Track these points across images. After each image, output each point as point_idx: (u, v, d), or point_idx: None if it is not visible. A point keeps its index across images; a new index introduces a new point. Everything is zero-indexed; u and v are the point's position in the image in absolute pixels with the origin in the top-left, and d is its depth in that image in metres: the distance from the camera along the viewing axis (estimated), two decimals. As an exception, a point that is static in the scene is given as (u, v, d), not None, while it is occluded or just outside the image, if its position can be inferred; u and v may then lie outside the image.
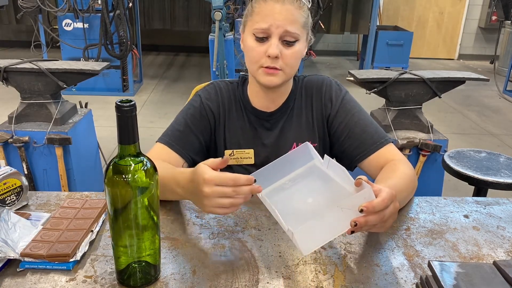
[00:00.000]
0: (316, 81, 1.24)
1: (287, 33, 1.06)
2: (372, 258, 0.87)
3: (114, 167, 0.71)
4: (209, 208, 0.83)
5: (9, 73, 2.30)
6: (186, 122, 1.18)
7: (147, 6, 5.90)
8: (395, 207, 0.81)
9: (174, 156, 1.13)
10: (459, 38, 7.61)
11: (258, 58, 1.09)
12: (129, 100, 0.68)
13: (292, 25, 1.06)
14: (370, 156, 1.14)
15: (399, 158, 1.12)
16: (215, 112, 1.21)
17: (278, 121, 1.22)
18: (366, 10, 5.85)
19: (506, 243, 0.94)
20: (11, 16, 5.88)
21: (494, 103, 5.24)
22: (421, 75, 2.37)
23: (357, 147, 1.16)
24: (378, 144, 1.14)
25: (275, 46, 1.06)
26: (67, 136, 2.30)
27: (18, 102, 2.40)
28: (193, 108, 1.20)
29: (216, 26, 3.20)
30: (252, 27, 1.08)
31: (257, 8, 1.08)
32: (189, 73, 6.20)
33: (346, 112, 1.19)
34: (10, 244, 0.83)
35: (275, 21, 1.05)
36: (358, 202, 0.75)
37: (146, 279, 0.77)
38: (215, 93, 1.22)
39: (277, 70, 1.08)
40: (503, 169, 1.89)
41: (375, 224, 0.78)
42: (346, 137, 1.17)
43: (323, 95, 1.22)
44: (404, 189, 1.02)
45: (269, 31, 1.06)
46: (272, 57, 1.06)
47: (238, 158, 1.22)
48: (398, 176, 1.03)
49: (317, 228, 0.75)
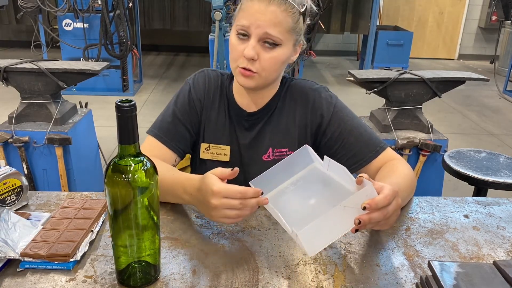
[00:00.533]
0: (303, 87, 1.19)
1: (267, 35, 1.01)
2: (372, 258, 0.87)
3: (114, 167, 0.71)
4: (216, 218, 0.85)
5: (9, 73, 2.30)
6: (175, 113, 1.16)
7: (147, 6, 5.90)
8: (397, 203, 0.81)
9: (165, 151, 1.13)
10: (459, 38, 7.61)
11: (237, 57, 1.05)
12: (129, 100, 0.68)
13: (274, 28, 1.00)
14: (366, 166, 1.12)
15: (397, 159, 1.12)
16: (202, 102, 1.19)
17: (258, 123, 1.18)
18: (366, 10, 5.85)
19: (506, 243, 0.94)
20: (11, 16, 5.89)
21: (494, 103, 5.24)
22: (421, 75, 2.37)
23: (351, 157, 1.13)
24: (373, 153, 1.12)
25: (251, 47, 1.01)
26: (67, 136, 2.30)
27: (18, 102, 2.40)
28: (182, 98, 1.18)
29: (216, 26, 3.20)
30: (235, 23, 1.06)
31: (244, 5, 1.05)
32: (189, 73, 6.15)
33: (339, 122, 1.15)
34: (10, 244, 0.83)
35: (256, 21, 1.00)
36: (361, 199, 0.75)
37: (146, 279, 0.77)
38: (203, 82, 1.20)
39: (252, 73, 1.04)
40: (503, 169, 1.89)
41: (378, 221, 0.78)
42: (339, 147, 1.15)
43: (311, 104, 1.17)
44: (404, 189, 1.02)
45: (249, 30, 1.02)
46: (247, 58, 1.02)
47: (214, 154, 1.19)
48: (397, 175, 1.03)
49: (321, 228, 0.75)
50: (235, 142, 1.19)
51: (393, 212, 0.80)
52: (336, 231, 0.77)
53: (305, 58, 5.01)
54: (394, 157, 1.12)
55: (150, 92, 5.17)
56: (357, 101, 4.45)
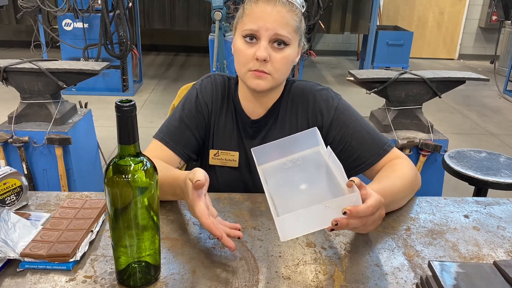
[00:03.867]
0: (303, 89, 1.18)
1: (278, 36, 1.02)
2: (372, 258, 0.87)
3: (114, 167, 0.71)
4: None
5: (9, 73, 2.30)
6: (181, 118, 1.16)
7: (147, 6, 5.90)
8: (380, 214, 0.81)
9: (169, 154, 1.13)
10: (459, 38, 7.61)
11: (246, 61, 1.05)
12: (129, 100, 0.68)
13: (283, 28, 1.02)
14: (370, 169, 1.11)
15: (401, 158, 1.11)
16: (209, 107, 1.19)
17: (261, 130, 1.18)
18: (366, 10, 5.85)
19: (506, 243, 0.94)
20: (11, 16, 5.88)
21: (494, 103, 5.24)
22: (421, 75, 2.37)
23: (354, 160, 1.12)
24: (376, 157, 1.10)
25: (263, 49, 1.02)
26: (67, 136, 2.30)
27: (18, 102, 2.40)
28: (189, 103, 1.18)
29: (216, 26, 3.20)
30: (242, 29, 1.05)
31: (248, 9, 1.06)
32: (189, 73, 6.20)
33: (341, 125, 1.13)
34: (10, 244, 0.83)
35: (265, 23, 1.01)
36: (344, 204, 0.76)
37: (146, 279, 0.77)
38: (211, 87, 1.20)
39: (265, 73, 1.04)
40: (503, 169, 1.89)
41: (356, 227, 0.79)
42: (341, 151, 1.12)
43: (311, 106, 1.16)
44: (402, 190, 1.01)
45: (259, 33, 1.03)
46: (260, 60, 1.02)
47: (223, 160, 1.19)
48: (395, 176, 1.03)
49: (299, 220, 0.77)
50: (242, 148, 1.19)
51: (373, 222, 0.81)
52: (312, 225, 0.78)
53: (305, 58, 5.02)
54: (398, 156, 1.11)
55: (150, 92, 5.17)
56: (357, 101, 4.45)
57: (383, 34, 5.86)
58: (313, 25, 4.45)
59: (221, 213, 1.01)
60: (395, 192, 0.99)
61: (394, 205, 1.02)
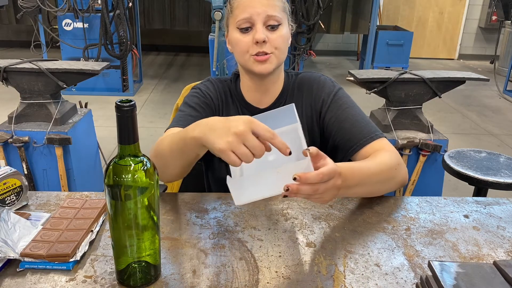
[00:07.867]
0: (309, 78, 1.24)
1: (270, 17, 1.08)
2: (372, 258, 0.87)
3: (114, 167, 0.71)
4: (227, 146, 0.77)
5: (9, 73, 2.30)
6: (194, 107, 1.17)
7: (147, 6, 5.90)
8: (334, 184, 0.82)
9: None
10: (459, 38, 7.61)
11: (246, 48, 1.10)
12: (129, 100, 0.68)
13: (272, 9, 1.09)
14: (360, 150, 1.12)
15: (387, 149, 1.10)
16: (215, 104, 1.22)
17: None
18: (366, 10, 5.85)
19: (506, 243, 0.94)
20: (11, 16, 5.89)
21: (494, 103, 5.24)
22: (421, 75, 2.37)
23: (348, 140, 1.14)
24: (367, 139, 1.11)
25: (261, 31, 1.08)
26: (67, 136, 2.30)
27: (18, 102, 2.40)
28: (197, 98, 1.20)
29: (216, 26, 3.20)
30: (235, 21, 1.11)
31: (235, 3, 1.12)
32: (189, 73, 6.20)
33: (337, 108, 1.18)
34: (10, 244, 0.83)
35: (255, 9, 1.08)
36: (295, 170, 0.77)
37: (146, 279, 0.77)
38: (213, 87, 1.24)
39: (267, 54, 1.09)
40: (503, 169, 1.89)
41: (310, 194, 0.80)
42: (336, 132, 1.16)
43: (314, 91, 1.22)
44: (376, 173, 1.00)
45: (252, 19, 1.08)
46: (260, 41, 1.08)
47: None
48: (372, 161, 1.03)
49: (251, 184, 0.78)
50: None
51: (326, 191, 0.81)
52: (266, 190, 0.79)
53: (305, 58, 5.01)
54: (385, 148, 1.10)
55: (150, 92, 5.17)
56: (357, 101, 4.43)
57: (383, 34, 5.87)
58: (313, 25, 4.45)
59: (221, 213, 1.01)
60: (367, 174, 0.99)
61: (366, 187, 1.01)
